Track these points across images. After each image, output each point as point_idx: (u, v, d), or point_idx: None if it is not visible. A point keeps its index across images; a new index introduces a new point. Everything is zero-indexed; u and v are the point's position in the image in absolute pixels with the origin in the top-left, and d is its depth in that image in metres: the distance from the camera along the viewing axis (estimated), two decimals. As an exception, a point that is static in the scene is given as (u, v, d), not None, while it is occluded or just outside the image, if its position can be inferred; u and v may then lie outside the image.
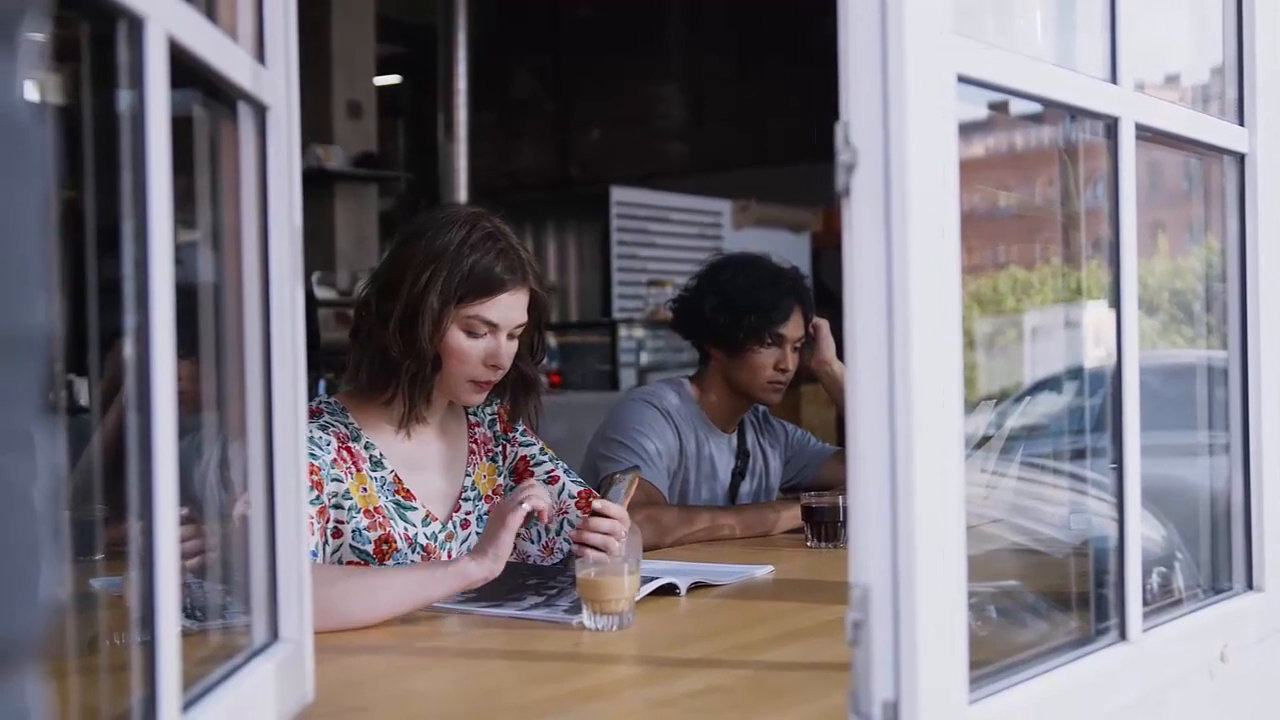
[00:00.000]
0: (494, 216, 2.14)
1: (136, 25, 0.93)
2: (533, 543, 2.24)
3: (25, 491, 0.49)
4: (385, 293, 2.09)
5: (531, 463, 2.29)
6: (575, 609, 1.83)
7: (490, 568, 1.85)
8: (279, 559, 1.30)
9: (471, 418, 2.28)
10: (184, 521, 1.00)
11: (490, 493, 2.25)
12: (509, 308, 2.09)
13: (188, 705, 1.03)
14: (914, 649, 1.09)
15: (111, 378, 1.48)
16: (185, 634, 1.00)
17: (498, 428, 2.30)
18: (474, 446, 2.26)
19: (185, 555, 1.02)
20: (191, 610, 1.26)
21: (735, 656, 1.66)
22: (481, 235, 2.07)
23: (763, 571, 2.25)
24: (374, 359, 2.09)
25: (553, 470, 2.28)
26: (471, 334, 2.08)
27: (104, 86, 0.97)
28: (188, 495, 1.03)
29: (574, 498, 2.24)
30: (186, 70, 1.05)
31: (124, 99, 0.95)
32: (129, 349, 0.95)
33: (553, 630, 1.80)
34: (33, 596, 0.50)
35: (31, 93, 0.51)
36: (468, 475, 2.23)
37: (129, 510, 0.97)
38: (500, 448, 2.29)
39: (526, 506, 1.88)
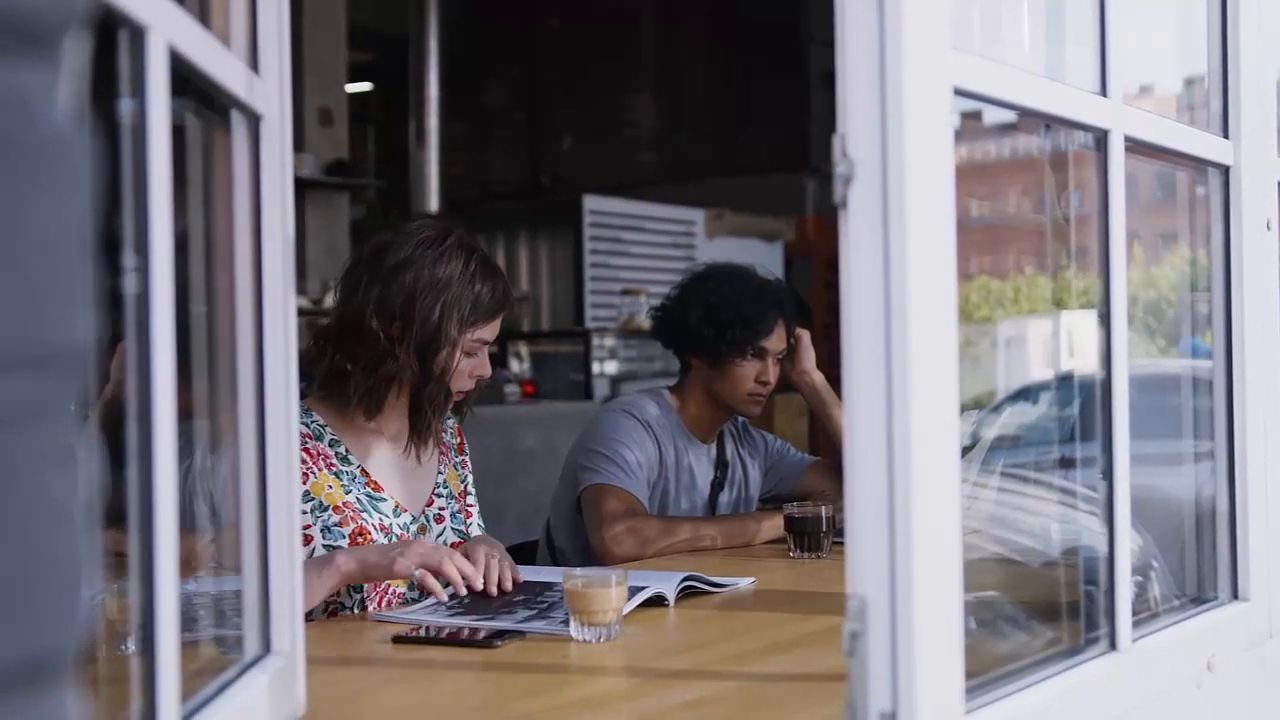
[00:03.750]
0: (469, 236, 2.23)
1: (138, 35, 0.92)
2: None
3: (68, 506, 0.48)
4: (388, 320, 2.11)
5: (465, 492, 2.37)
6: (568, 621, 1.82)
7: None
8: (271, 572, 1.29)
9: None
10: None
11: (457, 494, 2.32)
12: (499, 325, 2.22)
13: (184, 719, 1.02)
14: (911, 659, 1.09)
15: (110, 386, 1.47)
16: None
17: (456, 440, 2.39)
18: (443, 447, 2.34)
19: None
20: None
21: (726, 667, 1.66)
22: (479, 263, 2.17)
23: (745, 583, 2.25)
24: (381, 384, 2.13)
25: (472, 507, 2.37)
26: (470, 355, 2.17)
27: (102, 95, 0.95)
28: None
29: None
30: (181, 78, 1.04)
31: (124, 107, 0.94)
32: (130, 359, 0.94)
33: (541, 642, 1.79)
34: (75, 611, 0.49)
35: (73, 107, 0.50)
36: (440, 473, 2.30)
37: (116, 521, 0.96)
38: (461, 459, 2.38)
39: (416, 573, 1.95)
